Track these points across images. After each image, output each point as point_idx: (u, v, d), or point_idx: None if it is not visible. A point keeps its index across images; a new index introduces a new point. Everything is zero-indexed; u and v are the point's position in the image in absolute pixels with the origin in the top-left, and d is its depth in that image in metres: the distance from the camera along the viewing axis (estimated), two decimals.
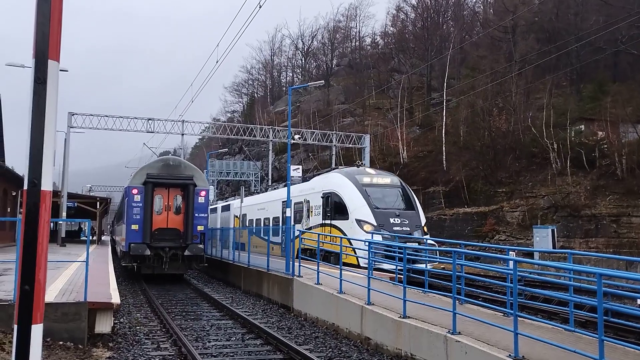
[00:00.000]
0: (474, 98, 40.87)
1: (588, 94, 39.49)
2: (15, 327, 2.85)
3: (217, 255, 23.37)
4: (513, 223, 32.57)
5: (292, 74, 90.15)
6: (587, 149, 32.22)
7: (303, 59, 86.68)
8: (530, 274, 12.39)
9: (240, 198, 28.28)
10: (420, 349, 8.22)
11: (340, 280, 11.44)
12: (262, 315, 13.27)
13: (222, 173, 57.19)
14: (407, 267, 10.27)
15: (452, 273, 8.17)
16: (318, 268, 12.77)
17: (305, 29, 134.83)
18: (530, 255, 23.82)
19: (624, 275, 6.80)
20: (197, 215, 19.85)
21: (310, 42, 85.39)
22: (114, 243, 39.46)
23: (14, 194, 31.09)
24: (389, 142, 47.89)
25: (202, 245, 19.82)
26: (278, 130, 42.21)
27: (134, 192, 19.39)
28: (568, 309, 8.65)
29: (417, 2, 63.44)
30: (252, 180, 56.61)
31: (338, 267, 11.95)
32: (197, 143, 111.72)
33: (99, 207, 36.31)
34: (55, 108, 2.99)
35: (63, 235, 30.81)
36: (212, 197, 44.18)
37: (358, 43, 78.66)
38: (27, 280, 2.86)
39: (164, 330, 11.32)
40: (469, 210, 35.24)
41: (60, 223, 31.56)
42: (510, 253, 14.08)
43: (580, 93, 41.01)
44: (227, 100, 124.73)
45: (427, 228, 19.35)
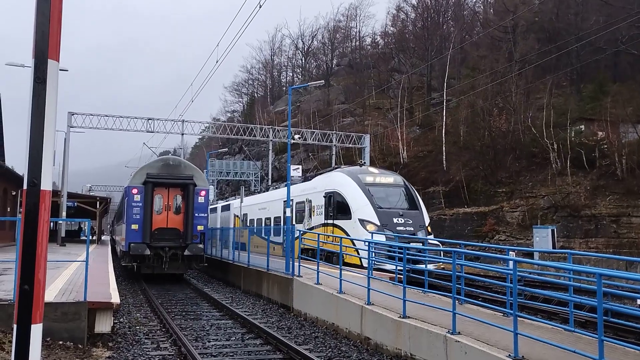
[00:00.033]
0: (474, 98, 40.85)
1: (588, 94, 39.48)
2: (15, 326, 2.85)
3: (217, 255, 23.37)
4: (513, 223, 32.56)
5: (292, 74, 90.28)
6: (587, 149, 32.22)
7: (303, 59, 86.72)
8: (530, 274, 12.39)
9: (240, 198, 28.28)
10: (420, 349, 8.22)
11: (340, 280, 11.44)
12: (261, 315, 13.28)
13: (222, 173, 57.19)
14: (409, 267, 10.29)
15: (452, 273, 8.17)
16: (318, 268, 12.77)
17: (306, 29, 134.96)
18: (530, 256, 23.82)
19: (624, 276, 6.79)
20: (197, 215, 19.87)
21: (311, 41, 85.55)
22: (114, 243, 39.46)
23: (14, 194, 31.10)
24: (389, 142, 47.87)
25: (202, 245, 19.83)
26: (278, 130, 42.21)
27: (134, 191, 19.40)
28: (568, 309, 8.66)
29: (417, 2, 63.48)
30: (252, 180, 56.60)
31: (338, 267, 11.94)
32: (197, 143, 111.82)
33: (99, 206, 36.31)
34: (55, 107, 2.99)
35: (63, 235, 30.80)
36: (212, 197, 44.17)
37: (358, 43, 78.69)
38: (26, 280, 2.86)
39: (164, 330, 11.32)
40: (469, 210, 35.24)
41: (60, 223, 31.54)
42: (510, 253, 14.09)
43: (581, 93, 41.01)
44: (227, 100, 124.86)
45: (430, 228, 19.13)
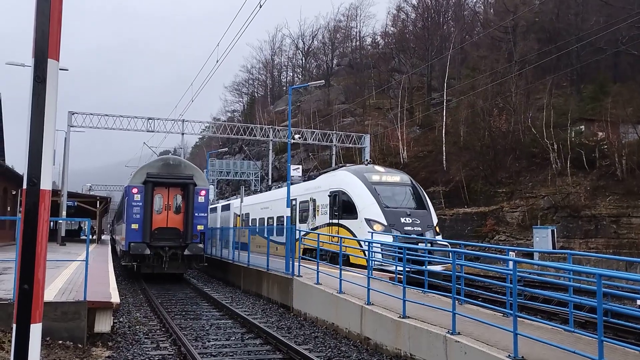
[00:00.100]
0: (474, 98, 40.85)
1: (588, 95, 39.49)
2: (14, 326, 2.85)
3: (217, 255, 23.37)
4: (513, 223, 32.56)
5: (292, 74, 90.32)
6: (587, 150, 32.21)
7: (303, 59, 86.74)
8: (530, 275, 12.39)
9: (240, 198, 28.27)
10: (420, 349, 8.22)
11: (340, 280, 11.44)
12: (261, 315, 13.27)
13: (222, 172, 57.17)
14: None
15: (451, 273, 8.18)
16: (318, 268, 12.76)
17: (306, 29, 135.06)
18: (530, 256, 23.81)
19: (624, 276, 6.79)
20: (197, 215, 19.86)
21: (311, 41, 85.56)
22: (114, 242, 39.46)
23: (14, 193, 31.10)
24: (389, 142, 47.86)
25: (201, 245, 19.83)
26: (278, 130, 42.22)
27: (134, 191, 19.39)
28: (568, 310, 8.66)
29: (417, 2, 63.47)
30: (252, 180, 56.60)
31: (339, 267, 11.94)
32: (197, 142, 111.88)
33: (99, 206, 36.33)
34: (55, 107, 2.99)
35: (63, 235, 30.82)
36: (212, 196, 44.17)
37: (358, 43, 78.69)
38: (26, 280, 2.86)
39: (164, 330, 11.32)
40: (469, 211, 35.24)
41: (60, 222, 31.55)
42: (510, 253, 14.10)
43: (581, 93, 41.01)
44: (227, 100, 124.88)
45: (438, 228, 18.62)
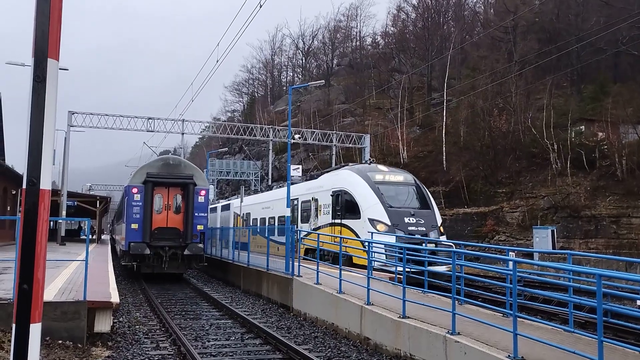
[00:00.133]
0: (474, 98, 40.85)
1: (589, 95, 39.48)
2: (14, 326, 2.84)
3: (216, 255, 23.37)
4: (513, 223, 32.56)
5: (292, 74, 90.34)
6: (587, 150, 32.22)
7: (303, 59, 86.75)
8: (530, 275, 12.39)
9: (240, 197, 28.25)
10: (420, 349, 8.21)
11: (340, 280, 11.44)
12: (261, 315, 13.27)
13: (222, 172, 57.18)
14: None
15: (451, 273, 8.18)
16: (317, 268, 12.76)
17: (306, 29, 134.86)
18: (530, 256, 23.81)
19: (624, 276, 6.78)
20: (196, 215, 19.86)
21: (311, 41, 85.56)
22: (114, 242, 39.46)
23: (14, 193, 31.10)
24: (389, 142, 47.87)
25: (201, 245, 19.83)
26: (278, 130, 42.22)
27: (134, 191, 19.39)
28: (567, 310, 8.66)
29: (417, 2, 63.47)
30: (252, 180, 56.60)
31: (338, 267, 11.93)
32: (197, 142, 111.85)
33: (99, 206, 36.31)
34: (55, 106, 2.98)
35: (63, 234, 30.82)
36: (212, 196, 44.17)
37: (359, 43, 78.68)
38: (25, 279, 2.86)
39: (163, 330, 11.32)
40: (469, 211, 35.24)
41: (60, 222, 31.55)
42: (510, 254, 14.09)
43: (581, 94, 41.01)
44: (227, 100, 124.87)
45: (442, 228, 18.40)
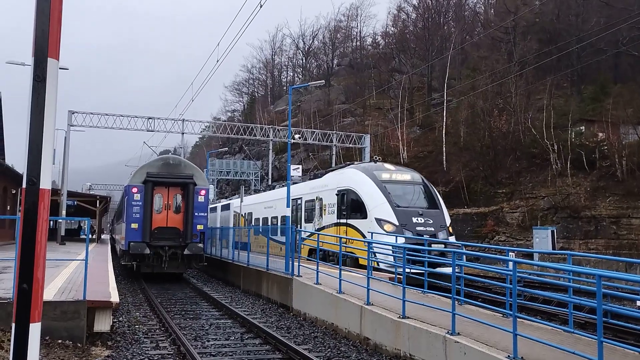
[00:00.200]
0: (475, 98, 40.83)
1: (589, 95, 39.48)
2: (14, 325, 2.84)
3: (216, 255, 23.36)
4: (513, 224, 32.55)
5: (292, 74, 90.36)
6: (587, 150, 32.21)
7: (304, 59, 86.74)
8: (530, 275, 12.39)
9: (240, 197, 28.25)
10: (419, 350, 8.21)
11: (340, 280, 11.43)
12: (261, 315, 13.27)
13: (222, 172, 57.18)
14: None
15: (451, 274, 8.17)
16: (317, 268, 12.75)
17: (306, 29, 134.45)
18: (530, 257, 23.81)
19: (624, 277, 6.78)
20: (196, 215, 19.86)
21: (311, 41, 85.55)
22: (114, 242, 39.45)
23: (14, 192, 31.09)
24: (389, 142, 47.86)
25: (201, 245, 19.82)
26: (278, 130, 42.22)
27: (134, 190, 19.39)
28: (567, 310, 8.65)
29: (418, 2, 63.49)
30: (252, 180, 56.61)
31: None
32: (197, 142, 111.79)
33: (99, 205, 36.29)
34: (55, 106, 2.98)
35: (62, 234, 30.81)
36: (211, 196, 44.16)
37: (359, 43, 78.64)
38: (25, 279, 2.86)
39: (163, 329, 11.31)
40: (469, 211, 35.22)
41: (60, 221, 31.53)
42: (510, 254, 14.08)
43: (581, 94, 41.00)
44: (227, 100, 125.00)
45: (451, 229, 18.09)
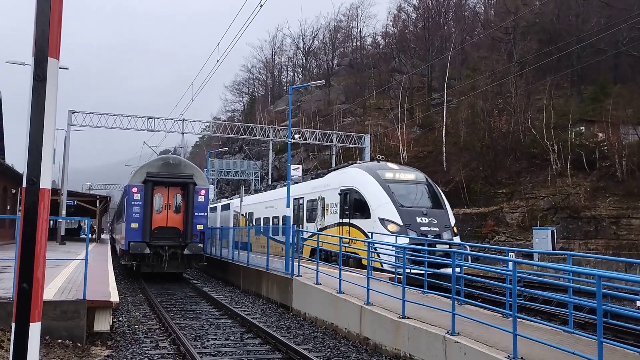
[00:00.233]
0: (475, 99, 40.85)
1: (589, 96, 39.48)
2: (14, 325, 2.84)
3: (216, 254, 23.35)
4: (513, 224, 32.55)
5: (292, 74, 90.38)
6: (587, 151, 32.22)
7: (304, 59, 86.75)
8: (530, 276, 12.39)
9: (240, 197, 28.25)
10: (419, 350, 8.21)
11: (340, 280, 11.43)
12: (261, 315, 13.27)
13: (222, 172, 57.19)
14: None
15: (451, 274, 8.17)
16: (317, 268, 12.75)
17: (306, 29, 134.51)
18: (530, 257, 23.81)
19: (624, 277, 6.78)
20: (196, 214, 19.86)
21: (311, 41, 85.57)
22: (114, 241, 39.45)
23: (14, 192, 31.08)
24: (389, 142, 47.85)
25: (201, 244, 19.83)
26: (278, 130, 42.22)
27: (134, 190, 19.39)
28: (567, 311, 8.65)
29: (418, 2, 63.52)
30: (252, 180, 56.62)
31: (340, 267, 11.93)
32: (197, 142, 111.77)
33: (99, 205, 36.29)
34: (55, 105, 2.98)
35: (62, 233, 30.81)
36: (211, 196, 44.16)
37: (359, 43, 78.68)
38: (25, 278, 2.85)
39: (163, 329, 11.31)
40: (469, 211, 35.22)
41: (60, 221, 31.53)
42: (510, 254, 14.08)
43: (581, 94, 41.00)
44: (227, 99, 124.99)
45: (456, 229, 17.83)
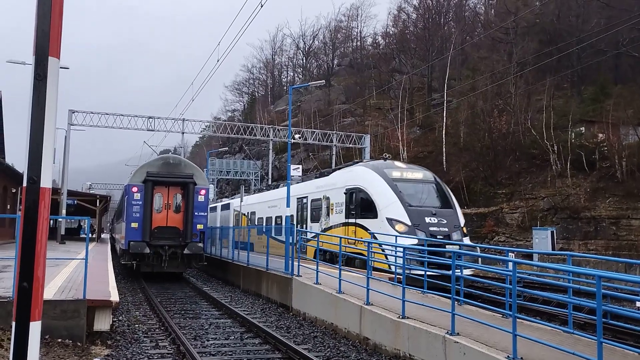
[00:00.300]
0: (475, 99, 40.84)
1: (589, 96, 39.48)
2: (14, 324, 2.84)
3: (216, 254, 23.36)
4: (513, 224, 32.56)
5: (293, 74, 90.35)
6: (587, 151, 32.22)
7: (304, 59, 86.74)
8: (529, 276, 12.40)
9: (240, 197, 28.26)
10: (419, 350, 8.21)
11: (340, 280, 11.43)
12: (260, 315, 13.27)
13: (222, 172, 57.17)
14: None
15: (451, 274, 8.18)
16: (317, 268, 12.76)
17: (307, 29, 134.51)
18: (530, 257, 23.81)
19: (623, 278, 6.79)
20: (196, 214, 19.86)
21: (312, 41, 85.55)
22: (114, 241, 39.45)
23: (14, 191, 31.09)
24: (390, 142, 47.79)
25: (201, 244, 19.83)
26: (278, 130, 42.21)
27: (134, 190, 19.39)
28: (567, 311, 8.65)
29: (418, 2, 63.52)
30: (252, 180, 56.62)
31: (340, 267, 11.93)
32: (197, 142, 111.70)
33: (99, 204, 36.29)
34: (55, 105, 2.98)
35: (62, 233, 30.79)
36: (211, 196, 44.16)
37: (359, 43, 78.68)
38: (25, 277, 2.85)
39: (163, 329, 11.31)
40: (469, 212, 35.17)
41: (60, 220, 31.53)
42: (510, 254, 14.09)
43: (581, 95, 40.99)
44: (227, 99, 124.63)
45: (465, 229, 17.59)
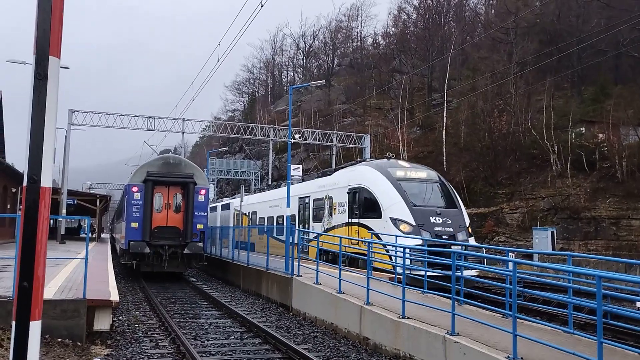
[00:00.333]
0: (475, 99, 40.85)
1: (589, 96, 39.49)
2: (14, 323, 2.84)
3: (216, 254, 23.36)
4: (513, 224, 32.56)
5: (293, 74, 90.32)
6: (587, 151, 32.23)
7: (304, 59, 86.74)
8: (530, 276, 12.40)
9: (241, 197, 28.26)
10: (419, 350, 8.21)
11: (340, 280, 11.43)
12: (260, 314, 13.27)
13: (222, 172, 57.17)
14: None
15: (451, 274, 8.18)
16: (317, 268, 12.76)
17: (307, 29, 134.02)
18: (530, 257, 23.81)
19: (623, 278, 6.79)
20: (196, 214, 19.87)
21: (312, 41, 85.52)
22: (114, 241, 39.45)
23: (14, 191, 31.09)
24: (390, 142, 47.77)
25: (201, 244, 19.84)
26: (279, 130, 42.21)
27: (134, 189, 19.40)
28: (567, 311, 8.65)
29: (418, 2, 63.53)
30: (252, 180, 56.61)
31: (340, 267, 11.93)
32: (197, 141, 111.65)
33: (99, 204, 36.30)
34: (56, 104, 2.98)
35: (63, 232, 30.80)
36: (212, 195, 44.16)
37: (359, 43, 78.69)
38: (25, 277, 2.85)
39: (163, 328, 11.31)
40: (469, 212, 34.97)
41: (60, 220, 31.53)
42: (510, 255, 14.07)
43: (582, 95, 41.00)
44: (227, 99, 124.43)
45: (470, 229, 17.34)
